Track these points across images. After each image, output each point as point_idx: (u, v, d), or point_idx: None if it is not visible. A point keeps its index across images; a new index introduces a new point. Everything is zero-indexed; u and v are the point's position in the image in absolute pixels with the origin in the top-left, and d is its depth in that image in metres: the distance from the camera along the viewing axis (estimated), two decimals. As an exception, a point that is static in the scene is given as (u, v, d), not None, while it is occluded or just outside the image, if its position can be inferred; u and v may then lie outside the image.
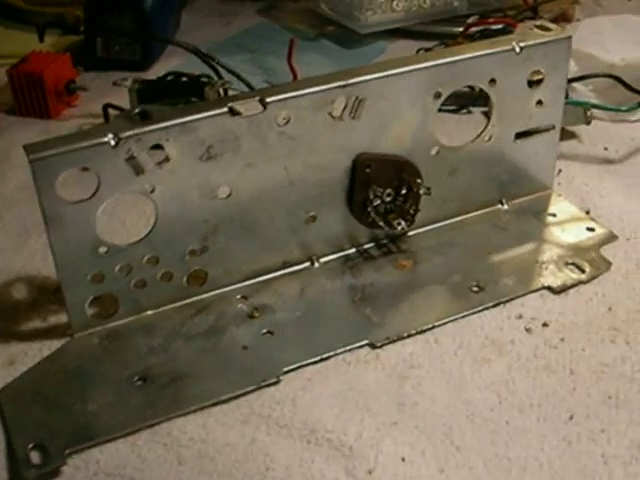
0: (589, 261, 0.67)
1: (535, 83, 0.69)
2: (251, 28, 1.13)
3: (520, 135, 0.71)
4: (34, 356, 0.59)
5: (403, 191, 0.66)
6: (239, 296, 0.64)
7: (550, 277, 0.66)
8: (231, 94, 0.84)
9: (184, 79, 0.86)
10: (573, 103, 0.81)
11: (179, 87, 0.85)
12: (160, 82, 0.86)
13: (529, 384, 0.57)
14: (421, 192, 0.66)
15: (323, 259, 0.67)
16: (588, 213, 0.73)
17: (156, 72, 0.94)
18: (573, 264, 0.67)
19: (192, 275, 0.63)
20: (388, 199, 0.66)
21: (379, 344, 0.60)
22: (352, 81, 0.61)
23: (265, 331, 0.61)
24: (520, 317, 0.62)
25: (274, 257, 0.65)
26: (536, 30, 0.68)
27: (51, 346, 0.60)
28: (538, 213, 0.73)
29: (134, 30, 0.97)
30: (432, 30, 1.06)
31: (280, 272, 0.66)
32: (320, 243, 0.67)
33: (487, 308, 0.63)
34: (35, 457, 0.52)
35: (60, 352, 0.60)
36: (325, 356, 0.59)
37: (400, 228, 0.66)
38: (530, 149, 0.72)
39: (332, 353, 0.59)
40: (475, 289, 0.65)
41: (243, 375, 0.57)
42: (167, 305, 0.63)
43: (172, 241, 0.61)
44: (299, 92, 0.59)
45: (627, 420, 0.54)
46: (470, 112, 0.89)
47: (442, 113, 0.67)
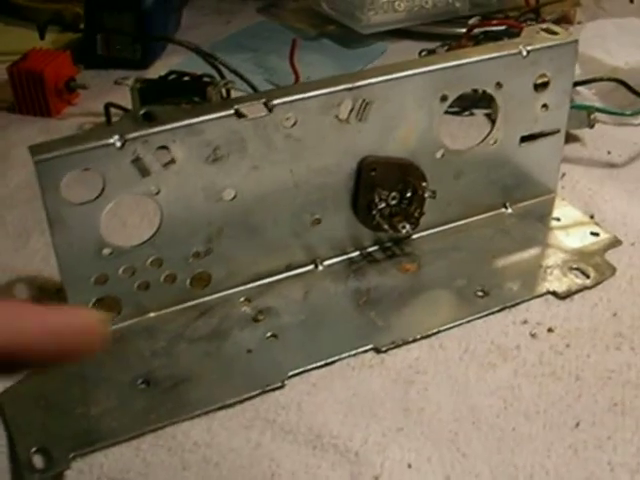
0: (594, 266, 0.67)
1: (541, 87, 0.68)
2: (251, 27, 1.12)
3: (525, 139, 0.70)
4: (36, 358, 0.59)
5: (408, 194, 0.65)
6: (243, 299, 0.63)
7: (555, 282, 0.65)
8: (233, 94, 0.83)
9: (186, 78, 0.85)
10: (577, 107, 0.81)
11: (181, 86, 0.84)
12: (162, 81, 0.85)
13: (535, 390, 0.57)
14: (426, 195, 0.66)
15: (327, 262, 0.67)
16: (592, 217, 0.73)
17: (157, 71, 0.93)
18: (578, 269, 0.67)
19: (196, 277, 0.62)
20: (393, 202, 0.65)
21: (384, 349, 0.59)
22: (359, 84, 0.60)
23: (269, 335, 0.60)
24: (525, 322, 0.62)
25: (278, 260, 0.65)
26: (542, 34, 0.68)
27: (53, 348, 0.60)
28: (542, 217, 0.73)
29: (134, 28, 0.96)
30: (434, 31, 1.05)
31: (284, 275, 0.65)
32: (324, 246, 0.66)
33: (492, 313, 0.63)
34: (38, 461, 0.51)
35: (62, 354, 0.59)
36: (330, 360, 0.58)
37: (405, 231, 0.66)
38: (535, 153, 0.71)
39: (337, 357, 0.59)
40: (480, 293, 0.64)
41: (247, 379, 0.57)
42: (170, 307, 0.62)
43: (176, 243, 0.60)
44: (306, 94, 0.59)
45: (633, 427, 0.54)
46: (473, 114, 0.89)
47: (446, 115, 0.67)
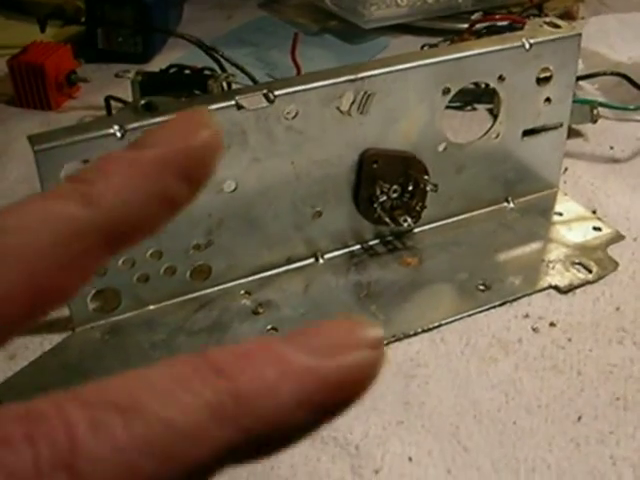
0: (596, 261, 0.67)
1: (543, 80, 0.68)
2: (252, 22, 1.12)
3: (527, 133, 0.70)
4: (35, 350, 0.58)
5: (410, 187, 0.65)
6: (243, 292, 0.63)
7: (557, 276, 0.65)
8: (234, 87, 0.83)
9: (187, 72, 0.85)
10: (579, 101, 0.80)
11: (182, 80, 0.84)
12: (163, 74, 0.85)
13: (536, 384, 0.56)
14: (428, 189, 0.65)
15: (328, 255, 0.66)
16: (594, 212, 0.73)
17: (158, 64, 0.93)
18: (580, 264, 0.66)
19: (196, 270, 0.62)
20: (394, 195, 0.65)
21: (385, 342, 0.59)
22: (361, 75, 0.60)
23: (269, 327, 0.60)
24: (527, 316, 0.62)
25: (279, 253, 0.65)
26: (545, 27, 0.67)
27: (52, 340, 0.59)
28: (544, 212, 0.73)
29: (135, 22, 0.96)
30: (436, 26, 1.05)
31: (284, 268, 0.65)
32: (325, 239, 0.66)
33: (494, 307, 0.62)
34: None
35: (61, 346, 0.59)
36: (330, 354, 0.58)
37: (406, 225, 0.66)
38: (537, 147, 0.71)
39: (337, 351, 0.58)
40: (481, 287, 0.64)
41: (247, 372, 0.57)
42: (170, 300, 0.62)
43: (176, 235, 0.60)
44: (307, 86, 0.58)
45: (635, 422, 0.54)
46: (475, 109, 0.89)
47: (448, 110, 0.66)
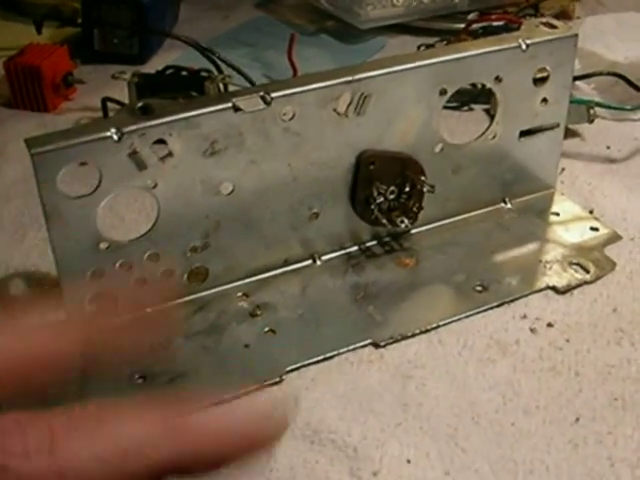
0: (593, 261, 0.67)
1: (540, 81, 0.68)
2: (249, 22, 1.12)
3: (524, 133, 0.70)
4: (32, 353, 0.58)
5: (407, 188, 0.65)
6: (240, 294, 0.63)
7: (554, 277, 0.65)
8: (231, 89, 0.83)
9: (184, 73, 0.85)
10: (576, 101, 0.81)
11: (179, 81, 0.84)
12: (159, 76, 0.85)
13: (534, 385, 0.56)
14: (425, 190, 0.65)
15: (325, 257, 0.66)
16: (591, 212, 0.73)
17: (154, 66, 0.92)
18: (577, 264, 0.66)
19: (193, 272, 0.62)
20: (391, 196, 0.65)
21: (383, 343, 0.59)
22: (358, 77, 0.60)
23: (267, 329, 0.60)
24: (524, 317, 0.62)
25: (276, 254, 0.65)
26: (542, 27, 0.67)
27: (49, 343, 0.59)
28: (541, 212, 0.73)
29: (132, 23, 0.95)
30: (432, 26, 1.05)
31: (282, 270, 0.65)
32: (322, 241, 0.66)
33: (491, 308, 0.62)
34: (34, 456, 0.51)
35: (59, 349, 0.59)
36: (328, 355, 0.58)
37: (403, 226, 0.66)
38: (534, 147, 0.71)
39: (335, 352, 0.58)
40: (479, 288, 0.64)
41: (245, 374, 0.57)
42: (168, 302, 0.62)
43: (173, 237, 0.60)
44: (304, 87, 0.58)
45: (634, 423, 0.54)
46: (472, 109, 0.89)
47: (444, 110, 0.66)
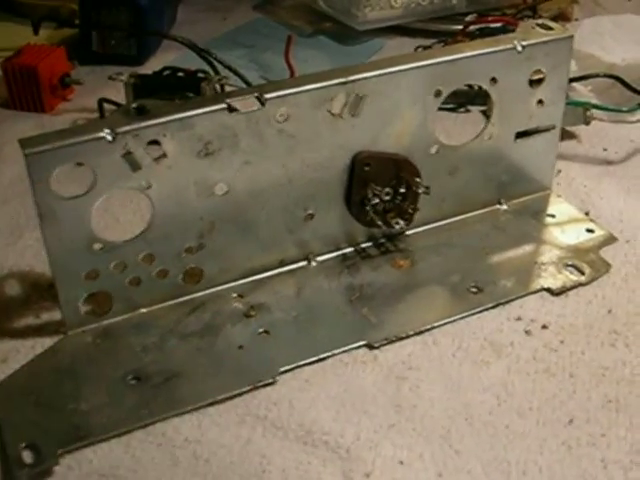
0: (589, 263, 0.67)
1: (536, 82, 0.68)
2: (247, 24, 1.12)
3: (520, 135, 0.70)
4: (26, 354, 0.58)
5: (402, 190, 0.65)
6: (235, 294, 0.63)
7: (549, 279, 0.65)
8: (228, 90, 0.83)
9: (180, 74, 0.85)
10: (573, 103, 0.81)
11: (175, 82, 0.84)
12: (156, 77, 0.85)
13: (528, 387, 0.56)
14: (420, 191, 0.65)
15: (320, 258, 0.66)
16: (587, 214, 0.73)
17: (152, 67, 0.92)
18: (572, 266, 0.66)
19: (188, 273, 0.62)
20: (387, 198, 0.65)
21: (377, 345, 0.59)
22: (352, 78, 0.60)
23: (261, 330, 0.60)
24: (519, 319, 0.62)
25: (271, 255, 0.65)
26: (538, 29, 0.67)
27: (44, 344, 0.59)
28: (537, 214, 0.73)
29: (130, 24, 0.96)
30: (430, 28, 1.05)
31: (277, 271, 0.65)
32: (317, 242, 0.66)
33: (486, 309, 0.62)
34: (27, 457, 0.51)
35: (53, 350, 0.59)
36: (322, 356, 0.58)
37: (398, 227, 0.66)
38: (530, 149, 0.71)
39: (329, 354, 0.58)
40: (474, 290, 0.64)
41: (239, 375, 0.56)
42: (162, 303, 0.62)
43: (168, 238, 0.60)
44: (298, 89, 0.58)
45: (627, 424, 0.54)
46: (469, 111, 0.89)
47: (441, 112, 0.66)
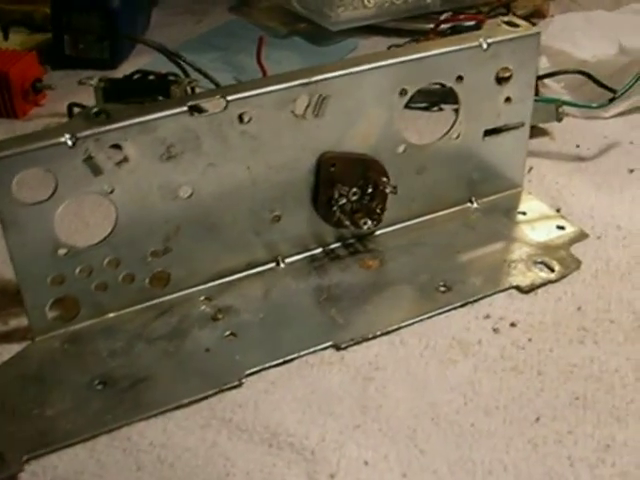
0: (559, 260, 0.67)
1: (503, 80, 0.68)
2: (222, 26, 1.12)
3: (489, 132, 0.70)
4: (-7, 360, 0.58)
5: (369, 190, 0.65)
6: (203, 297, 0.63)
7: (519, 276, 0.65)
8: (198, 92, 0.83)
9: (151, 77, 0.85)
10: (544, 100, 0.81)
11: (145, 86, 0.83)
12: (126, 81, 0.85)
13: (495, 385, 0.56)
14: (388, 191, 0.65)
15: (289, 259, 0.66)
16: (559, 211, 0.73)
17: (125, 71, 0.92)
18: (542, 263, 0.66)
19: (155, 277, 0.62)
20: (354, 198, 0.65)
21: (343, 345, 0.59)
22: (315, 79, 0.60)
23: (228, 333, 0.60)
24: (488, 317, 0.62)
25: (238, 258, 0.64)
26: (504, 26, 0.67)
27: (11, 350, 0.59)
28: (508, 211, 0.72)
29: (102, 28, 0.95)
30: (405, 27, 1.05)
31: (245, 273, 0.65)
32: (285, 243, 0.66)
33: (454, 308, 0.62)
34: (-9, 464, 0.51)
35: (20, 356, 0.58)
36: (288, 358, 0.58)
37: (366, 227, 0.66)
38: (499, 147, 0.71)
39: (295, 355, 0.58)
40: (442, 289, 0.64)
41: (205, 378, 0.56)
42: (129, 307, 0.61)
43: (133, 242, 0.59)
44: (260, 90, 0.58)
45: (594, 421, 0.53)
46: (442, 109, 0.88)
47: (413, 111, 0.66)
